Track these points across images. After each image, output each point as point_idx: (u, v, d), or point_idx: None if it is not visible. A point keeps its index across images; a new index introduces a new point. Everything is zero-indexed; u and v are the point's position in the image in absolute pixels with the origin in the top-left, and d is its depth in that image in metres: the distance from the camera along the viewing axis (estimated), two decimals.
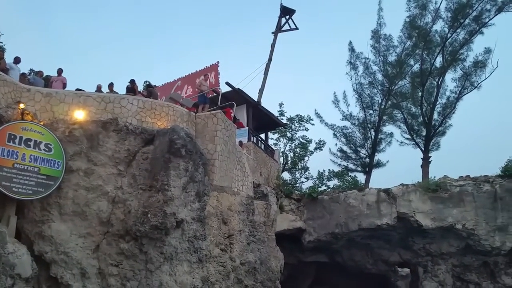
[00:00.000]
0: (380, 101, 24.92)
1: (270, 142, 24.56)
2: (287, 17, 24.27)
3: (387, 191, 18.64)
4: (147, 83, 23.13)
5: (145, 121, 11.69)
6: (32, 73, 18.67)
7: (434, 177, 19.86)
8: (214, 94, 17.63)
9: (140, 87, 24.66)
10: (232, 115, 15.32)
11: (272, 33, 24.35)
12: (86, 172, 10.46)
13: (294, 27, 24.53)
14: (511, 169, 17.65)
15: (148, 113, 11.83)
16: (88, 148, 10.60)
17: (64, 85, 13.49)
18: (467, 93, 23.18)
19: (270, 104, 28.96)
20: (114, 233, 10.21)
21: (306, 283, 21.80)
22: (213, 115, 12.98)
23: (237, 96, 18.47)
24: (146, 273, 9.79)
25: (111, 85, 13.96)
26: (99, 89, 13.38)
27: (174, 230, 10.20)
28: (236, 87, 19.10)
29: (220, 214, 12.54)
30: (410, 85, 24.16)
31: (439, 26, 23.04)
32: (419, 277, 18.42)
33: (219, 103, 15.64)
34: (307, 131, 26.96)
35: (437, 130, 23.41)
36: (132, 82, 14.19)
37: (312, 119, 26.77)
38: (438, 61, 23.16)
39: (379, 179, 25.86)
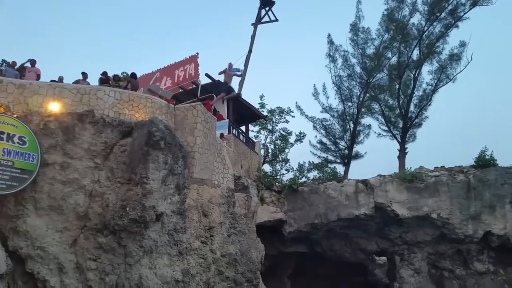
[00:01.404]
0: (358, 94, 25.23)
1: (251, 134, 24.55)
2: (267, 8, 24.16)
3: (365, 182, 19.00)
4: (125, 74, 22.71)
5: (123, 113, 11.49)
6: (5, 64, 18.05)
7: (411, 168, 20.33)
8: (194, 86, 17.47)
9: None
10: (212, 107, 15.22)
11: (252, 24, 24.22)
12: (62, 166, 10.23)
13: (274, 18, 24.45)
14: (484, 160, 18.23)
15: (126, 105, 11.62)
16: (63, 141, 10.36)
17: (38, 77, 13.12)
18: (442, 86, 23.72)
19: (250, 96, 28.94)
20: (92, 227, 10.07)
21: (286, 273, 22.08)
22: (193, 107, 12.86)
23: (217, 88, 18.35)
24: (125, 267, 9.71)
25: (84, 75, 13.64)
26: (60, 80, 12.98)
27: (153, 223, 10.12)
28: (216, 79, 18.96)
29: (200, 207, 12.50)
30: (388, 78, 24.54)
31: (416, 19, 23.41)
32: (395, 265, 18.91)
33: (198, 95, 15.51)
34: (287, 123, 27.02)
35: (414, 122, 23.91)
36: (105, 73, 13.88)
37: (292, 111, 26.85)
38: (415, 54, 23.58)
39: (358, 170, 26.26)
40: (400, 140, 23.81)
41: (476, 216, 17.30)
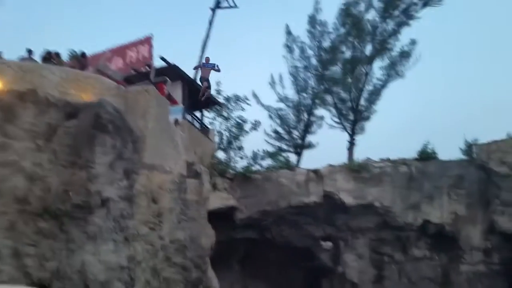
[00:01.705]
0: (313, 85, 25.76)
1: (206, 121, 24.35)
2: None
3: (315, 171, 19.61)
4: (73, 52, 21.63)
5: (69, 93, 10.93)
6: None
7: (358, 158, 21.19)
8: (147, 68, 16.98)
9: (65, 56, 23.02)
10: (165, 91, 14.91)
11: (211, 8, 23.88)
12: (1, 147, 9.65)
13: (234, 4, 24.25)
14: (425, 153, 19.43)
15: (72, 85, 11.06)
16: (2, 120, 9.76)
17: None
18: (392, 81, 24.79)
19: None
20: (32, 212, 9.61)
21: (236, 258, 22.33)
22: (145, 91, 12.53)
23: (172, 71, 17.94)
24: (67, 253, 9.41)
25: (29, 52, 12.88)
26: None
27: (98, 209, 9.85)
28: (172, 62, 18.54)
29: (150, 193, 12.29)
30: (342, 71, 25.22)
31: (371, 15, 24.18)
32: (340, 250, 19.80)
33: (151, 78, 15.12)
34: (243, 111, 27.05)
35: (363, 115, 24.86)
36: (48, 52, 13.18)
37: (249, 100, 26.86)
38: (368, 49, 24.39)
39: (310, 160, 26.92)
40: (350, 132, 24.70)
41: (416, 206, 18.44)
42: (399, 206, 18.51)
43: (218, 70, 18.65)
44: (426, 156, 19.25)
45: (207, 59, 19.16)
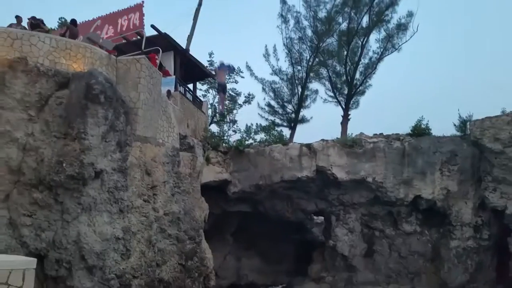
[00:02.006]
0: (308, 58, 25.41)
1: (199, 93, 24.05)
2: None
3: (308, 146, 19.61)
4: (63, 20, 20.95)
5: (59, 63, 10.60)
6: None
7: (352, 133, 21.20)
8: (138, 37, 16.53)
9: (55, 24, 22.29)
10: (157, 61, 14.54)
11: None
12: None
13: None
14: (419, 129, 19.43)
15: (62, 54, 10.72)
16: None
17: None
18: (388, 55, 24.56)
19: (199, 53, 28.02)
20: (26, 182, 9.48)
21: (229, 231, 22.64)
22: (136, 61, 12.17)
23: (163, 41, 17.44)
24: (62, 224, 9.36)
25: (18, 18, 12.35)
26: None
27: (92, 181, 9.75)
28: (163, 31, 18.02)
29: (143, 165, 12.20)
30: (337, 44, 24.85)
31: None
32: (331, 224, 20.05)
33: (143, 47, 14.70)
34: (236, 83, 26.76)
35: (358, 89, 24.69)
36: (33, 18, 12.65)
37: (242, 72, 26.55)
38: (365, 21, 23.98)
39: (303, 134, 26.94)
40: (344, 107, 24.59)
41: (408, 181, 18.57)
42: (391, 182, 18.65)
43: (233, 69, 18.58)
44: (420, 131, 19.26)
45: (222, 63, 18.87)
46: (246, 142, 21.55)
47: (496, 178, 16.33)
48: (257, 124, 25.73)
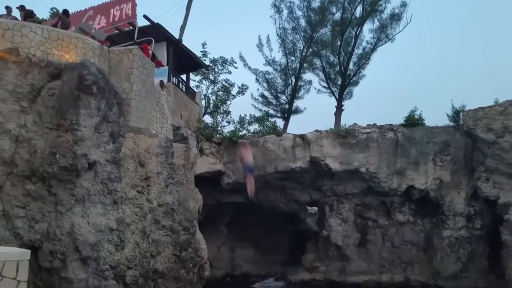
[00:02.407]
0: (302, 48, 25.33)
1: (192, 84, 23.93)
2: None
3: (302, 136, 19.66)
4: (55, 10, 20.65)
5: (51, 53, 10.51)
6: None
7: (345, 124, 21.27)
8: (131, 27, 16.37)
9: (46, 15, 21.97)
10: (150, 52, 14.43)
11: None
12: None
13: None
14: (413, 119, 19.54)
15: (54, 45, 10.61)
16: None
17: None
18: (381, 45, 24.59)
19: (192, 43, 27.86)
20: (19, 174, 9.44)
21: (223, 222, 22.73)
22: (129, 51, 12.07)
23: (156, 32, 17.31)
24: (56, 215, 9.33)
25: (8, 9, 12.16)
26: None
27: (86, 172, 9.71)
28: (156, 22, 17.87)
29: (137, 156, 12.16)
30: (331, 34, 24.80)
31: None
32: (325, 214, 20.21)
33: (135, 38, 14.56)
34: (230, 74, 26.65)
35: (351, 80, 24.70)
36: (22, 7, 12.47)
37: (235, 62, 26.42)
38: (358, 11, 23.92)
39: (296, 125, 26.95)
40: (337, 97, 24.62)
41: (401, 171, 18.72)
42: (384, 172, 18.79)
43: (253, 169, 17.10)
44: (413, 122, 19.37)
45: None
46: (240, 133, 21.55)
47: (489, 168, 16.51)
48: (250, 115, 25.76)
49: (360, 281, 19.03)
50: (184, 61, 20.35)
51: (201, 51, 25.18)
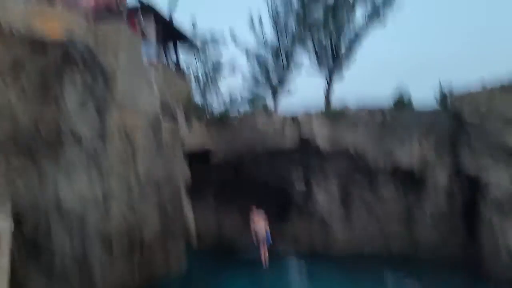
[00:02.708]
0: (294, 29, 25.16)
1: (182, 63, 23.78)
2: None
3: (292, 116, 19.80)
4: None
5: (35, 27, 10.44)
6: None
7: (335, 105, 21.38)
8: (118, 2, 16.11)
9: None
10: (138, 27, 14.34)
11: None
12: None
13: None
14: (401, 100, 19.76)
15: (38, 18, 10.53)
16: None
17: None
18: (373, 29, 24.41)
19: (182, 21, 27.54)
20: (3, 148, 9.51)
21: (211, 192, 22.86)
22: (116, 26, 12.05)
23: (145, 11, 17.14)
24: (40, 187, 9.49)
25: None
26: None
27: (71, 146, 9.84)
28: (145, 2, 17.64)
29: (123, 132, 12.24)
30: (323, 16, 24.59)
31: None
32: (312, 190, 20.55)
33: (123, 12, 14.45)
34: (221, 53, 26.52)
35: (342, 62, 24.69)
36: None
37: (227, 42, 26.25)
38: None
39: (287, 106, 27.00)
40: (328, 79, 24.65)
41: (388, 151, 19.01)
42: (372, 152, 19.08)
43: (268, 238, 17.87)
44: (401, 104, 19.59)
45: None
46: (230, 113, 21.60)
47: (473, 148, 16.88)
48: (240, 93, 25.75)
49: (343, 254, 19.53)
50: (174, 38, 20.23)
51: (192, 30, 25.01)
